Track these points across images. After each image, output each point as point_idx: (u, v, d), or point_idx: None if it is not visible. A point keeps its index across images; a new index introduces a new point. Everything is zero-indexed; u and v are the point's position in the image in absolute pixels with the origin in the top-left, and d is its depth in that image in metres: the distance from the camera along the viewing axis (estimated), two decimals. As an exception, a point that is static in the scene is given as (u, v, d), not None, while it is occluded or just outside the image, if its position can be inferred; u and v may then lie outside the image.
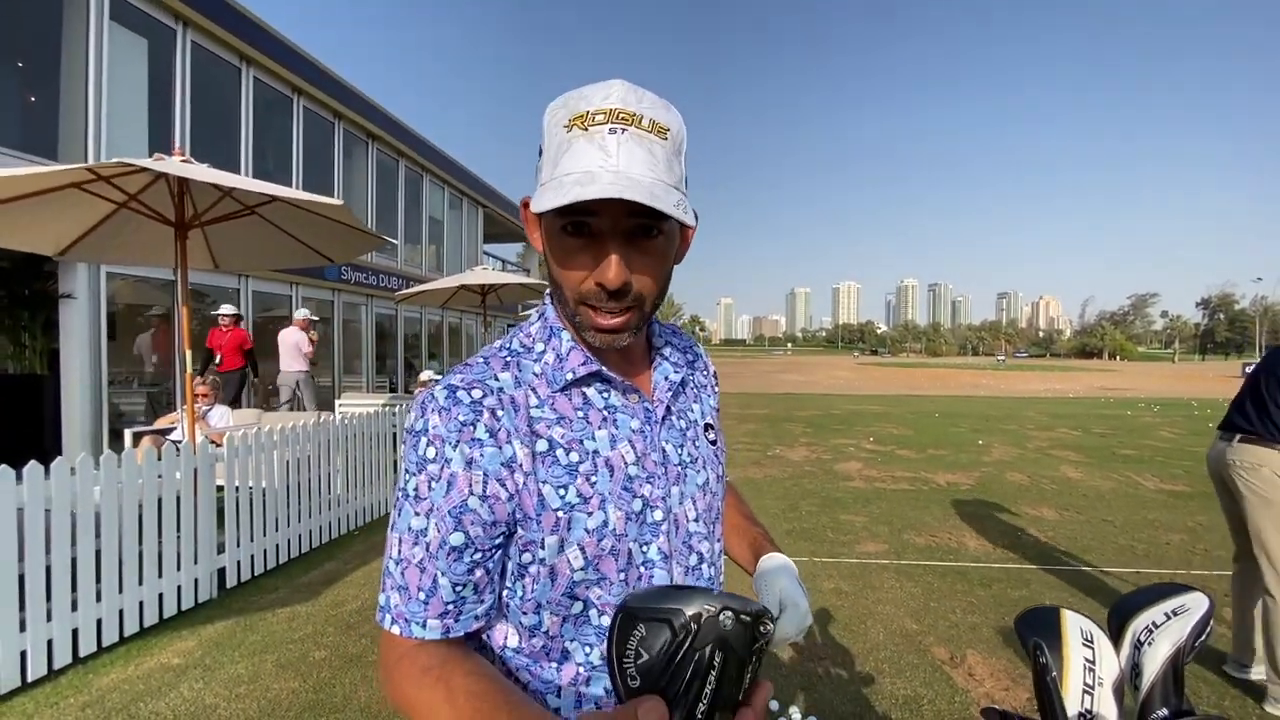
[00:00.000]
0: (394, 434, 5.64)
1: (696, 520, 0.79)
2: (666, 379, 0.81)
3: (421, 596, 0.67)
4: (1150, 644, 0.75)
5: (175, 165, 3.59)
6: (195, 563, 3.52)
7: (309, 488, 4.53)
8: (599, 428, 0.73)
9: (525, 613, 0.71)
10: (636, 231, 0.66)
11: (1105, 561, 4.20)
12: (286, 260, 5.24)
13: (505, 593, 0.72)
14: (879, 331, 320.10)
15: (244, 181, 3.87)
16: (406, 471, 0.69)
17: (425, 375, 9.41)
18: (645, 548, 0.72)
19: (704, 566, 0.80)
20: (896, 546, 4.54)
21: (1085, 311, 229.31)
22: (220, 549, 3.75)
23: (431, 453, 0.67)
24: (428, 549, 0.66)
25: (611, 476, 0.71)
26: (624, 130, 0.63)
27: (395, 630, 0.67)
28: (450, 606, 0.67)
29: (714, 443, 0.85)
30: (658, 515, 0.74)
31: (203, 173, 3.64)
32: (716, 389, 0.96)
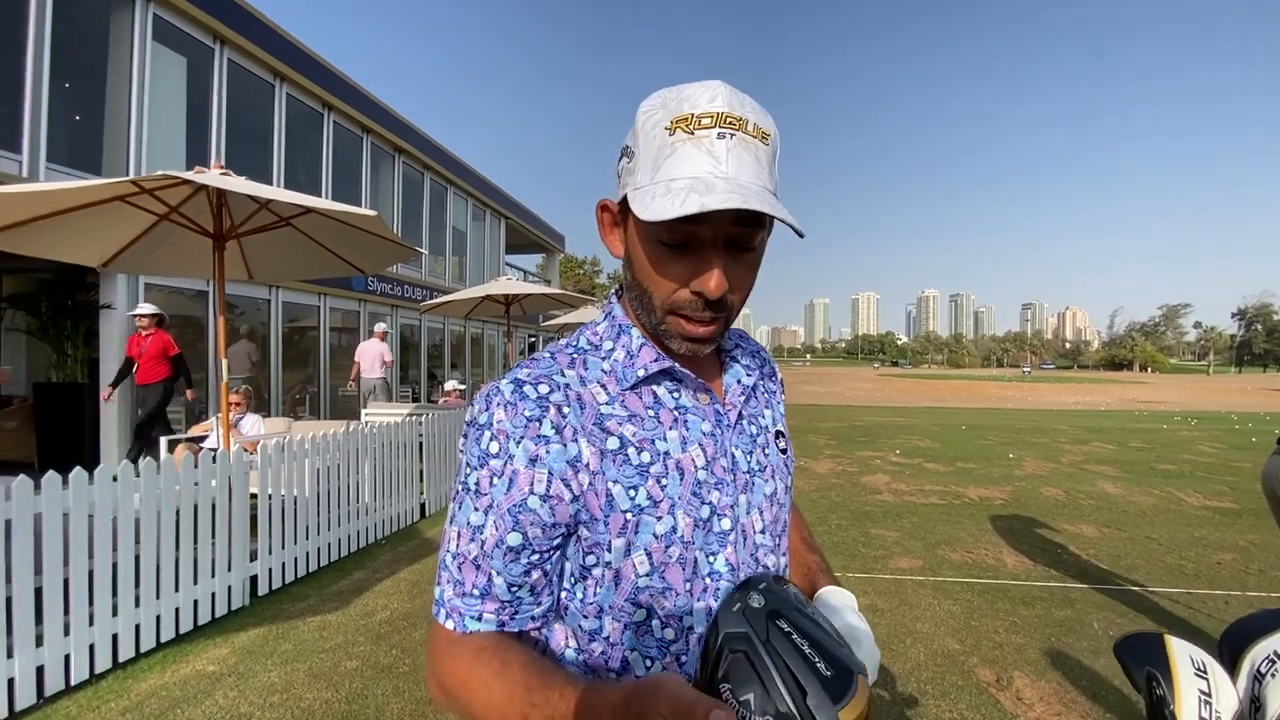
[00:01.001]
0: (420, 443, 5.67)
1: (763, 532, 0.76)
2: (739, 382, 0.78)
3: (476, 594, 0.66)
4: (1274, 675, 0.69)
5: (215, 178, 3.66)
6: (229, 570, 3.55)
7: (339, 496, 4.56)
8: (670, 428, 0.70)
9: (586, 616, 0.68)
10: (735, 241, 0.64)
11: (1154, 581, 4.04)
12: (319, 271, 5.31)
13: (564, 594, 0.70)
14: (899, 342, 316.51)
15: (280, 193, 3.93)
16: (467, 465, 0.67)
17: (450, 385, 9.47)
18: (712, 558, 0.69)
19: None
20: (931, 562, 4.43)
21: (1114, 322, 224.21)
22: (253, 556, 3.78)
23: (495, 447, 0.65)
24: (483, 546, 0.65)
25: (682, 480, 0.68)
26: (732, 136, 0.61)
27: (450, 625, 0.66)
28: (505, 605, 0.66)
29: (784, 451, 0.82)
30: (726, 524, 0.71)
31: (241, 185, 3.71)
32: (783, 397, 0.93)
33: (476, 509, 0.65)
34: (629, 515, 0.66)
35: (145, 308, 6.43)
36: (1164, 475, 7.87)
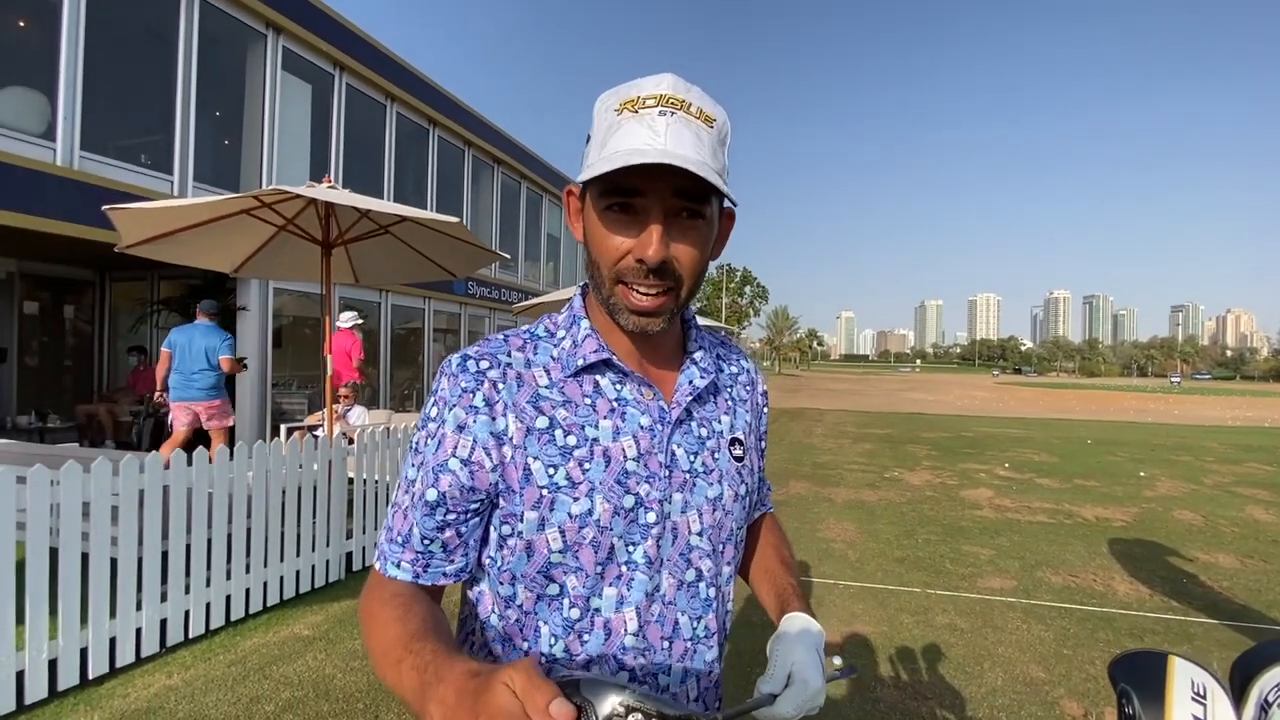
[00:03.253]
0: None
1: (700, 534, 0.75)
2: (690, 383, 0.78)
3: (399, 541, 0.71)
4: (1281, 706, 0.60)
5: (323, 191, 4.05)
6: (328, 545, 3.90)
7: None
8: (604, 417, 0.72)
9: (502, 582, 0.73)
10: (679, 213, 0.66)
11: (1301, 622, 3.49)
12: (415, 275, 5.72)
13: (486, 560, 0.74)
14: (1023, 348, 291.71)
15: (378, 204, 4.28)
16: (417, 427, 0.74)
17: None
18: (631, 548, 0.71)
19: (701, 585, 0.76)
20: (1027, 584, 4.07)
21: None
22: (349, 535, 4.14)
23: (434, 412, 0.72)
24: (412, 498, 0.71)
25: (606, 467, 0.70)
26: (673, 114, 0.64)
27: (377, 565, 0.73)
28: (419, 556, 0.71)
29: (740, 459, 0.80)
30: (650, 517, 0.71)
31: (345, 197, 4.08)
32: (764, 409, 0.92)
33: (413, 465, 0.72)
34: (545, 491, 0.69)
35: (347, 314, 7.51)
36: (1336, 503, 6.74)
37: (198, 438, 5.50)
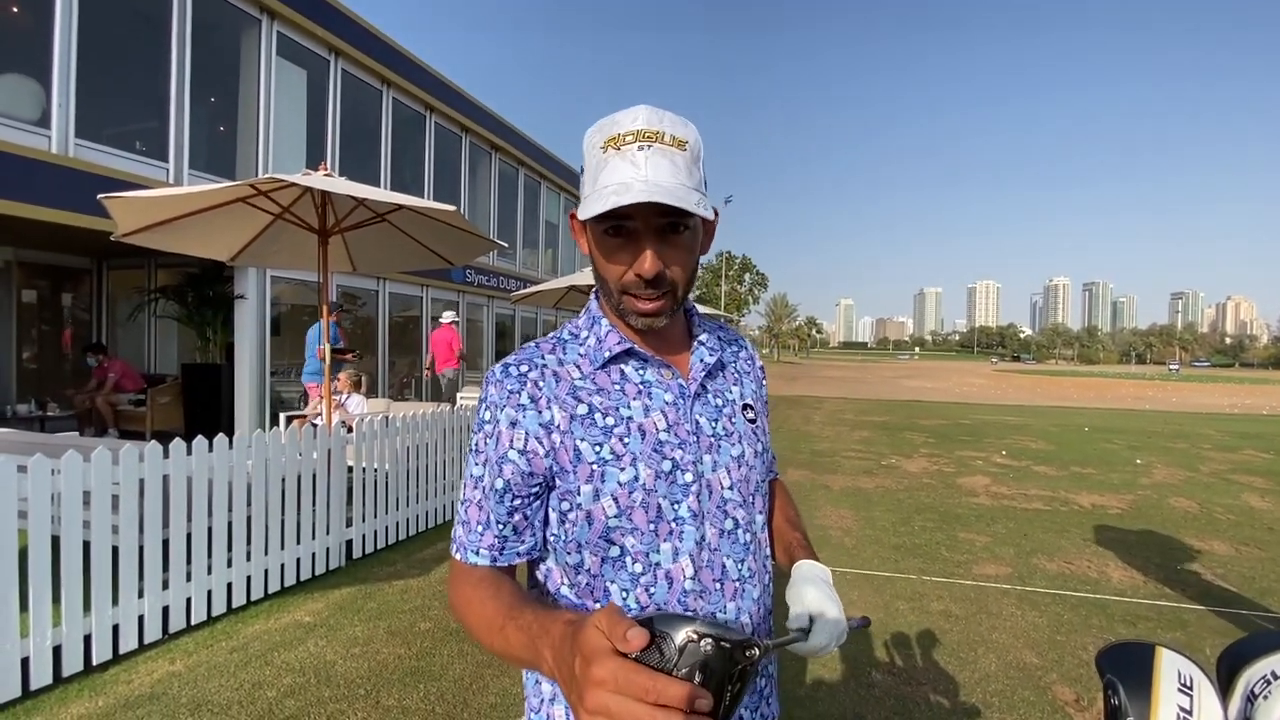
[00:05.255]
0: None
1: (731, 488, 0.86)
2: (701, 360, 0.90)
3: (479, 530, 0.82)
4: (1266, 697, 0.62)
5: (319, 180, 4.02)
6: (328, 534, 3.92)
7: (428, 472, 4.90)
8: (634, 399, 0.84)
9: (569, 552, 0.82)
10: (666, 229, 0.78)
11: (1293, 608, 3.53)
12: (413, 263, 5.69)
13: (551, 538, 0.84)
14: (1022, 335, 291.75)
15: (373, 192, 4.25)
16: (473, 431, 0.85)
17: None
18: (676, 505, 0.81)
19: (739, 532, 0.86)
20: (1022, 571, 4.10)
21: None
22: (349, 523, 4.16)
23: (487, 415, 0.83)
24: (483, 491, 0.82)
25: (643, 439, 0.81)
26: (650, 146, 0.76)
27: (459, 557, 0.84)
28: (496, 540, 0.82)
29: (753, 421, 0.93)
30: (688, 477, 0.82)
31: (341, 185, 4.05)
32: (763, 380, 1.05)
33: (477, 464, 0.83)
34: (594, 466, 0.80)
35: (448, 314, 9.28)
36: (1331, 490, 6.78)
37: None
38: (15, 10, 6.37)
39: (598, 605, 0.80)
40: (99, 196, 3.76)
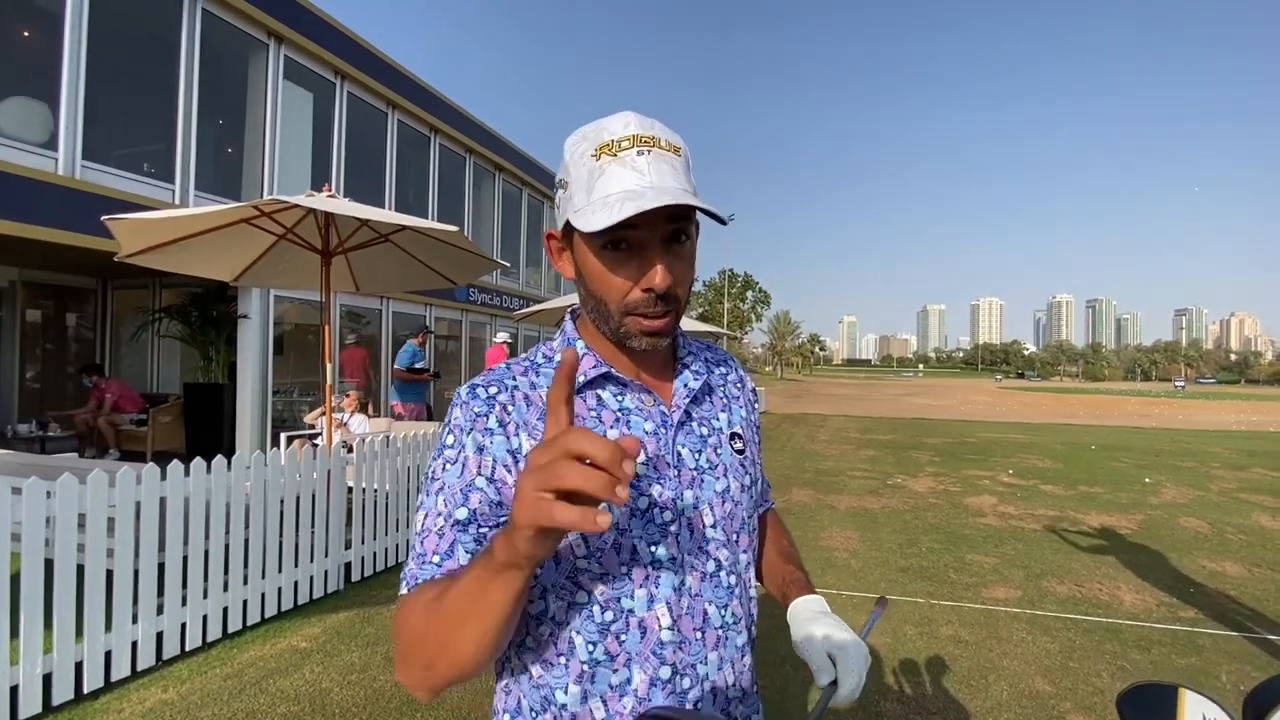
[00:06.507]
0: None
1: (714, 526, 0.79)
2: (686, 385, 0.83)
3: (436, 560, 0.69)
4: (1298, 744, 0.58)
5: (322, 201, 4.04)
6: (326, 556, 3.87)
7: (427, 493, 4.85)
8: (611, 427, 0.76)
9: (532, 600, 0.74)
10: (671, 238, 0.72)
11: (1310, 632, 3.44)
12: (416, 283, 5.71)
13: None
14: (1026, 352, 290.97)
15: (377, 213, 4.27)
16: (433, 458, 0.76)
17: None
18: (653, 547, 0.74)
19: (722, 574, 0.79)
20: (1032, 594, 4.02)
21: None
22: (348, 545, 4.11)
23: (451, 439, 0.74)
24: (444, 520, 0.71)
25: None
26: (649, 150, 0.71)
27: (403, 590, 0.69)
28: (459, 570, 0.70)
29: (741, 452, 0.86)
30: (667, 516, 0.75)
31: (344, 206, 4.07)
32: (755, 404, 0.97)
33: (432, 493, 0.72)
34: None
35: (501, 334, 9.53)
36: (1344, 510, 6.68)
37: None
38: (25, 34, 6.48)
39: (563, 660, 0.73)
40: (103, 218, 3.78)
